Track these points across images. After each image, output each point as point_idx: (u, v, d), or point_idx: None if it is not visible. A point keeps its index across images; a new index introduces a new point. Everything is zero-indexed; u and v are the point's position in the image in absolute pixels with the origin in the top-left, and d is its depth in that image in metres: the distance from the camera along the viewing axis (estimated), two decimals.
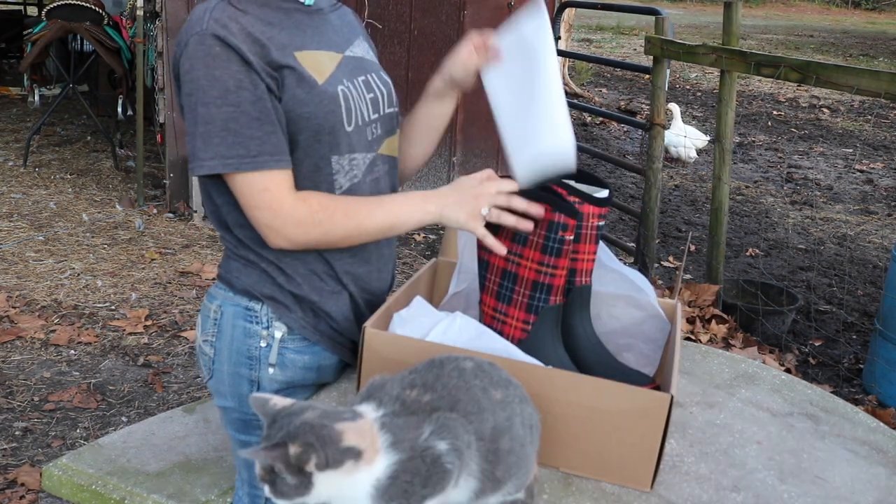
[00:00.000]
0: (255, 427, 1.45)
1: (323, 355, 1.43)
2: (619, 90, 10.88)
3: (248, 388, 1.41)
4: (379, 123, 1.43)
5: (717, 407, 1.43)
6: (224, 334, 1.41)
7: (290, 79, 1.29)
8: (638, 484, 1.18)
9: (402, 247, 4.79)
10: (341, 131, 1.34)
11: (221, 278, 1.44)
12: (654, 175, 4.12)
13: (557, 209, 1.23)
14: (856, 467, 1.28)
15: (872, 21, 23.13)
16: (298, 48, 1.32)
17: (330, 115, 1.32)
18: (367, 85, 1.42)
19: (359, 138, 1.37)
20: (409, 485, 0.92)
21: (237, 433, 1.48)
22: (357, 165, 1.38)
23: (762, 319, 3.67)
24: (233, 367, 1.41)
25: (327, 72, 1.34)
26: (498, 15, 5.20)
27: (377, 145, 1.43)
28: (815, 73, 3.10)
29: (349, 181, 1.37)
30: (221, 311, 1.41)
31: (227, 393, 1.44)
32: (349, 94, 1.36)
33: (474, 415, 1.00)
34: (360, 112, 1.37)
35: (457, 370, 1.04)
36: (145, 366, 3.25)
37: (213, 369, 1.44)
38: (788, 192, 6.46)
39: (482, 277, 1.36)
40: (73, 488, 1.96)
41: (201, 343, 1.45)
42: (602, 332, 1.46)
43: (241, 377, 1.41)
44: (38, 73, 6.33)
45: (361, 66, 1.43)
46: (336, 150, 1.34)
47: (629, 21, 18.74)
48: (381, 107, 1.44)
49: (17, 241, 4.39)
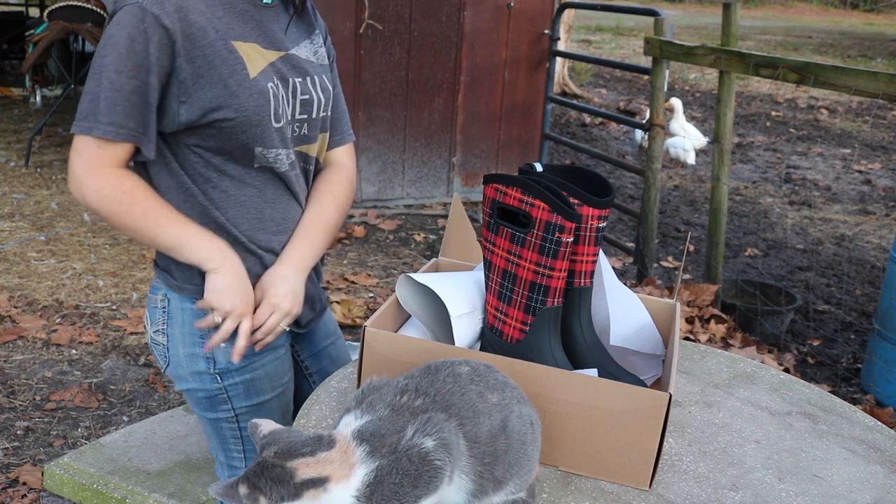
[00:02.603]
0: (220, 402, 1.51)
1: None
2: (619, 91, 10.89)
3: (204, 364, 1.48)
4: (307, 124, 1.49)
5: (715, 406, 1.44)
6: (174, 320, 1.47)
7: (222, 67, 1.34)
8: (637, 483, 1.19)
9: (401, 247, 4.80)
10: (268, 126, 1.39)
11: (159, 267, 1.50)
12: (653, 175, 4.13)
13: (555, 211, 1.24)
14: (854, 466, 1.29)
15: (870, 22, 23.13)
16: (236, 38, 1.37)
17: (258, 109, 1.37)
18: (303, 86, 1.46)
19: (283, 135, 1.43)
20: (399, 486, 0.92)
21: (205, 412, 1.54)
22: (280, 160, 1.44)
23: (761, 319, 3.68)
24: (188, 349, 1.47)
25: (259, 67, 1.38)
26: (498, 15, 5.21)
27: (300, 143, 1.49)
28: (813, 73, 3.11)
29: (271, 165, 1.43)
30: (168, 299, 1.47)
31: (186, 375, 1.50)
32: (277, 91, 1.40)
33: (469, 418, 1.00)
34: (286, 111, 1.43)
35: (451, 375, 1.04)
36: (146, 365, 3.26)
37: (169, 356, 1.50)
38: (787, 192, 6.47)
39: (486, 277, 1.37)
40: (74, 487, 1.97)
41: (152, 335, 1.51)
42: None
43: (196, 356, 1.47)
44: (40, 74, 6.34)
45: (300, 67, 1.47)
46: (261, 143, 1.40)
47: (628, 22, 18.75)
48: (313, 110, 1.49)
49: (19, 241, 4.39)
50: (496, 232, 1.32)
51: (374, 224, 5.12)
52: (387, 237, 4.95)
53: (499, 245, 1.33)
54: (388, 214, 5.30)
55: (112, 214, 1.36)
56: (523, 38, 5.31)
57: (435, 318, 1.45)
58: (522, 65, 5.38)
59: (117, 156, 1.34)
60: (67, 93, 5.89)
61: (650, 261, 4.24)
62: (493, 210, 1.33)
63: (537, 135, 5.51)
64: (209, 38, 1.33)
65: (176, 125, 1.37)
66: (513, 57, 5.33)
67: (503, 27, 5.25)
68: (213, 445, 1.60)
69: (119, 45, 1.29)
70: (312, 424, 1.27)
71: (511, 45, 5.31)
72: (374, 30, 4.98)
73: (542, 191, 1.25)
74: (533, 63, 5.39)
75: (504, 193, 1.31)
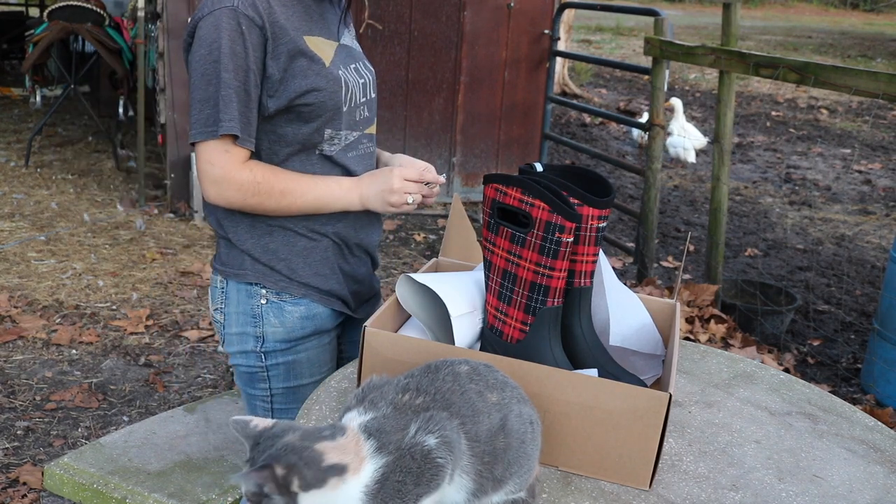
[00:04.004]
0: (259, 380, 1.61)
1: (312, 306, 1.58)
2: (619, 91, 10.89)
3: (253, 343, 1.58)
4: (366, 106, 1.60)
5: (715, 406, 1.44)
6: (231, 300, 1.58)
7: (302, 60, 1.45)
8: (637, 483, 1.19)
9: (401, 247, 4.80)
10: (339, 110, 1.51)
11: (217, 255, 1.62)
12: (653, 175, 4.13)
13: (555, 211, 1.24)
14: (854, 466, 1.29)
15: (870, 22, 23.13)
16: (306, 33, 1.47)
17: (334, 95, 1.48)
18: (358, 71, 1.58)
19: (350, 118, 1.54)
20: (402, 484, 0.93)
21: (245, 386, 1.64)
22: (342, 140, 1.54)
23: (761, 319, 3.68)
24: (240, 328, 1.58)
25: (329, 57, 1.50)
26: (498, 15, 5.21)
27: (364, 126, 1.60)
28: (813, 73, 3.11)
29: (331, 151, 1.54)
30: (227, 281, 1.58)
31: (235, 352, 1.61)
32: (348, 77, 1.52)
33: (468, 417, 1.01)
34: (354, 94, 1.54)
35: (451, 374, 1.05)
36: (146, 365, 3.26)
37: (224, 334, 1.61)
38: (787, 192, 6.47)
39: (486, 277, 1.37)
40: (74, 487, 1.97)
41: (213, 313, 1.63)
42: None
43: (247, 335, 1.58)
44: (40, 74, 6.33)
45: (351, 54, 1.59)
46: (331, 125, 1.51)
47: (628, 22, 18.75)
48: (368, 91, 1.61)
49: (19, 241, 4.39)
50: (496, 232, 1.32)
51: None
52: (387, 237, 4.95)
53: (499, 245, 1.33)
54: (388, 214, 5.30)
55: (255, 205, 1.48)
56: (523, 38, 5.31)
57: (435, 318, 1.45)
58: (522, 65, 5.37)
59: (241, 153, 1.45)
60: (67, 93, 5.89)
61: (650, 261, 4.24)
62: (493, 210, 1.33)
63: (537, 135, 5.51)
64: (290, 35, 1.43)
65: (262, 119, 1.48)
66: (513, 57, 5.33)
67: (503, 27, 5.25)
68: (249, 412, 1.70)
69: (222, 48, 1.39)
70: (312, 424, 1.27)
71: (511, 45, 5.30)
72: (373, 30, 4.98)
73: (542, 191, 1.25)
74: (533, 63, 5.39)
75: (504, 193, 1.30)
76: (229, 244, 1.57)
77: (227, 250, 1.57)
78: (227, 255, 1.57)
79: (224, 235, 1.57)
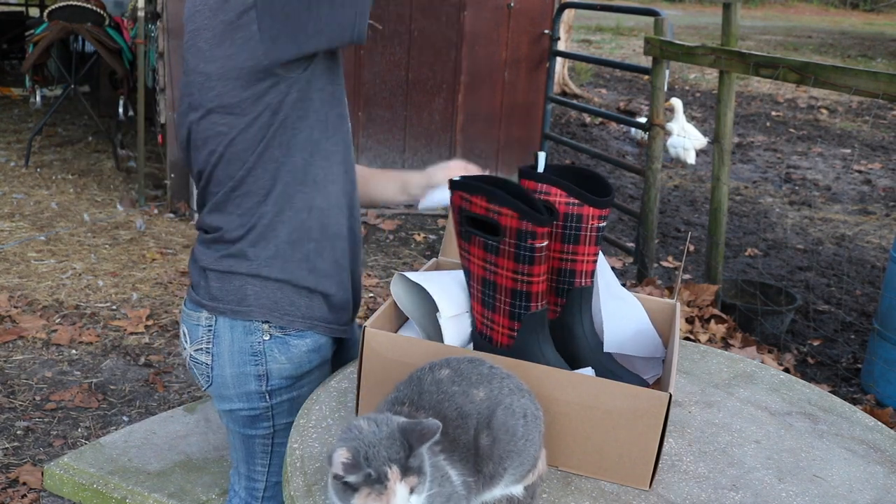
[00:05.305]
0: (262, 420, 1.47)
1: (317, 337, 1.47)
2: (619, 91, 10.89)
3: (255, 384, 1.43)
4: None
5: (715, 406, 1.44)
6: (222, 338, 1.41)
7: None
8: (637, 483, 1.19)
9: (402, 247, 4.80)
10: None
11: (199, 289, 1.45)
12: (653, 175, 4.13)
13: (524, 218, 1.17)
14: (854, 466, 1.29)
15: (870, 22, 23.13)
16: None
17: None
18: None
19: None
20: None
21: (243, 429, 1.49)
22: None
23: (761, 319, 3.68)
24: (236, 368, 1.42)
25: None
26: (498, 15, 5.21)
27: None
28: (813, 73, 3.11)
29: None
30: (216, 318, 1.42)
31: (231, 395, 1.45)
32: None
33: (458, 420, 1.01)
34: None
35: (434, 383, 1.04)
36: (146, 365, 3.26)
37: (213, 375, 1.44)
38: (787, 192, 6.47)
39: (468, 285, 1.35)
40: (74, 487, 1.97)
41: (192, 353, 1.45)
42: None
43: (247, 375, 1.43)
44: (40, 74, 6.33)
45: None
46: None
47: (628, 22, 18.74)
48: None
49: (19, 241, 4.39)
50: (469, 241, 1.27)
51: (374, 224, 5.12)
52: (387, 237, 4.95)
53: (474, 254, 1.28)
54: (388, 214, 5.30)
55: None
56: (523, 38, 5.31)
57: (428, 317, 1.43)
58: (522, 65, 5.37)
59: None
60: (67, 93, 5.89)
61: (650, 261, 4.24)
62: (462, 219, 1.27)
63: (537, 135, 5.51)
64: None
65: None
66: (513, 57, 5.33)
67: (503, 27, 5.25)
68: (237, 456, 1.56)
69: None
70: (312, 424, 1.27)
71: (511, 45, 5.30)
72: (373, 30, 4.97)
73: (507, 198, 1.19)
74: (533, 63, 5.39)
75: (469, 202, 1.25)
76: (225, 276, 1.40)
77: (221, 283, 1.40)
78: (219, 290, 1.40)
79: (228, 269, 1.39)
